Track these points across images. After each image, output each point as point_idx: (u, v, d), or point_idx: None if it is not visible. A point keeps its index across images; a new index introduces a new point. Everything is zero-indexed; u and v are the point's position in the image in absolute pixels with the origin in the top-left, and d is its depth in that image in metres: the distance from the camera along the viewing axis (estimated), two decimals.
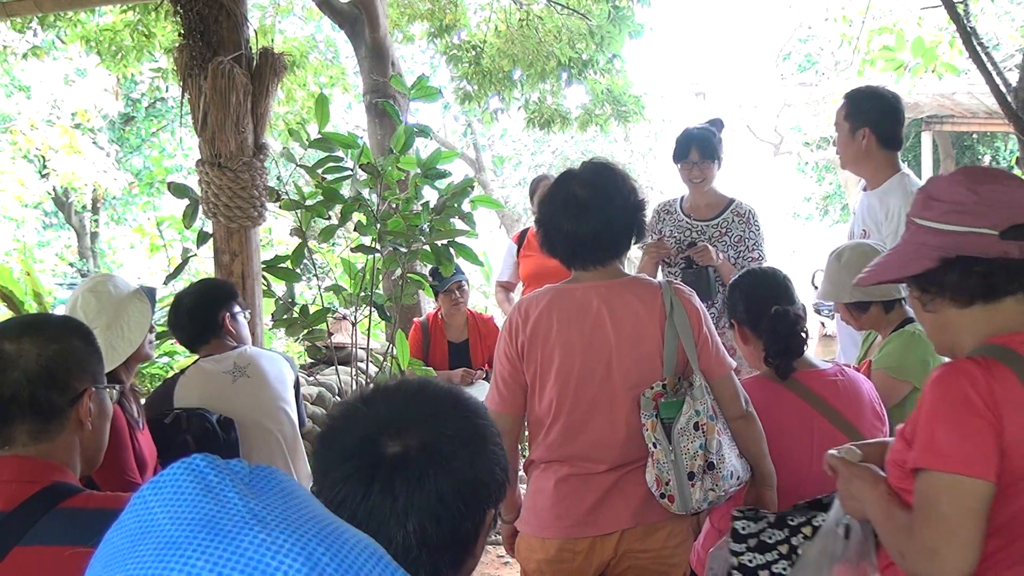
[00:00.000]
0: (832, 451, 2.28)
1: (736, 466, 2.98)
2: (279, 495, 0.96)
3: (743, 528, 2.78)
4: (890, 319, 3.83)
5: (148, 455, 3.34)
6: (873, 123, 4.26)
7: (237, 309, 4.08)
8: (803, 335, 3.32)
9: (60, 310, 9.49)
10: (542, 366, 3.04)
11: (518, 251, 6.51)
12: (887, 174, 4.27)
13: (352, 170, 5.21)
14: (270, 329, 7.23)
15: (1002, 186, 2.08)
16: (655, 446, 2.94)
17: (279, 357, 4.19)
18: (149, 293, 3.50)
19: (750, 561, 2.73)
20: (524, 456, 3.76)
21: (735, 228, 5.18)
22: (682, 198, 5.36)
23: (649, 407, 2.95)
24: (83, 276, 18.88)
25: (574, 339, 3.00)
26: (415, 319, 6.80)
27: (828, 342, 10.32)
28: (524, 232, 6.55)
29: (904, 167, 4.36)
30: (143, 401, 3.66)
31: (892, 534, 2.06)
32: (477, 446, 1.31)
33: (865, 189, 4.40)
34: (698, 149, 5.17)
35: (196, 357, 4.07)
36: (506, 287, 6.70)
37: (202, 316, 4.00)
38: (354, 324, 5.72)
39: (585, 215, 2.96)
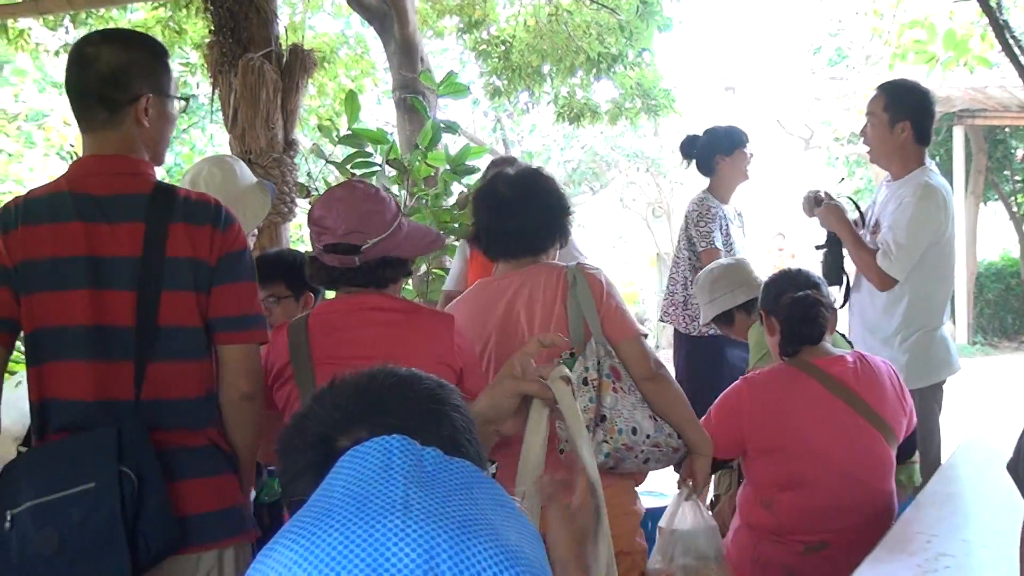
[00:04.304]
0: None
1: (643, 425, 2.97)
2: (452, 489, 0.99)
3: None
4: (755, 317, 3.92)
5: None
6: (913, 118, 4.19)
7: None
8: (820, 323, 3.33)
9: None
10: None
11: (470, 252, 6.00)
12: (913, 167, 4.22)
13: (380, 166, 5.22)
14: None
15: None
16: None
17: None
18: (271, 189, 3.55)
19: None
20: None
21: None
22: (713, 198, 5.33)
23: None
24: None
25: (489, 327, 3.11)
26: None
27: None
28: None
29: (930, 162, 4.31)
30: None
31: None
32: (430, 430, 1.24)
33: (891, 180, 4.35)
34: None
35: None
36: (451, 297, 5.60)
37: None
38: None
39: (504, 212, 3.09)
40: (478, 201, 3.24)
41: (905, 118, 4.18)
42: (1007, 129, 17.51)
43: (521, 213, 3.08)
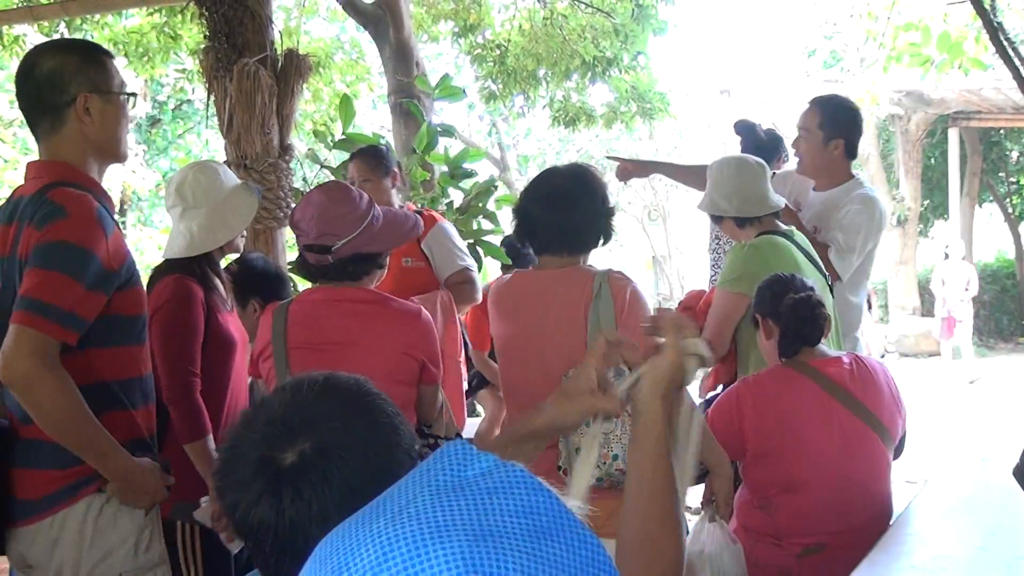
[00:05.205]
0: None
1: None
2: (470, 495, 0.98)
3: None
4: (746, 232, 3.88)
5: (237, 334, 3.45)
6: (847, 136, 4.30)
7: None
8: (821, 324, 3.34)
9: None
10: (497, 347, 3.34)
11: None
12: (842, 179, 4.32)
13: None
14: None
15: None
16: None
17: None
18: (257, 191, 3.58)
19: None
20: None
21: None
22: None
23: None
24: None
25: (517, 321, 3.16)
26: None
27: None
28: None
29: (858, 174, 4.45)
30: None
31: None
32: (371, 422, 1.28)
33: (815, 189, 4.41)
34: None
35: None
36: None
37: None
38: None
39: (559, 204, 3.09)
40: (529, 194, 3.22)
41: (839, 136, 4.28)
42: (1002, 131, 17.56)
43: (576, 207, 3.08)
